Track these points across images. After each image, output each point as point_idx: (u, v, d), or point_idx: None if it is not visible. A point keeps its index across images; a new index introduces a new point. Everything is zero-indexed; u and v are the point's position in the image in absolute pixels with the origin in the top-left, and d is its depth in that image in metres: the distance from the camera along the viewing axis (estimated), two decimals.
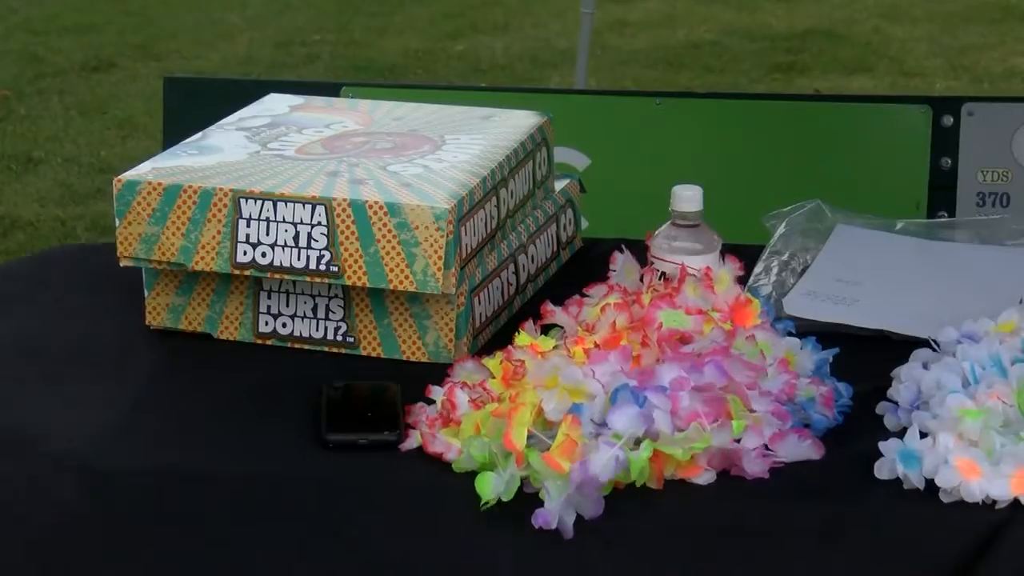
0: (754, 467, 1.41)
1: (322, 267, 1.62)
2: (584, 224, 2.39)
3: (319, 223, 1.62)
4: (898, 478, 1.39)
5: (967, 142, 2.60)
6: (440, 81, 5.69)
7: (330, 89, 2.70)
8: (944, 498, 1.37)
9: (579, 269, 1.86)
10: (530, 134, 1.85)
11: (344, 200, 1.61)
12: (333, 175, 1.68)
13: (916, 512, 1.36)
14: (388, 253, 1.60)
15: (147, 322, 1.72)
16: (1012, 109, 2.64)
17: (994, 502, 1.35)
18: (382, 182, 1.66)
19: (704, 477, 1.41)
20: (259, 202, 1.63)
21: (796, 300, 1.77)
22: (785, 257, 1.89)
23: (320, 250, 1.62)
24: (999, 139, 2.58)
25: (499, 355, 1.53)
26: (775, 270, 1.86)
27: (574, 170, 2.68)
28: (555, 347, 1.52)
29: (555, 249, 1.91)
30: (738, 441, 1.41)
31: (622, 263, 1.66)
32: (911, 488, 1.38)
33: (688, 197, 1.64)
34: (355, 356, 1.67)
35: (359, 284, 1.62)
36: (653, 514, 1.38)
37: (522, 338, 1.54)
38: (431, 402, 1.52)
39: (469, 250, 1.67)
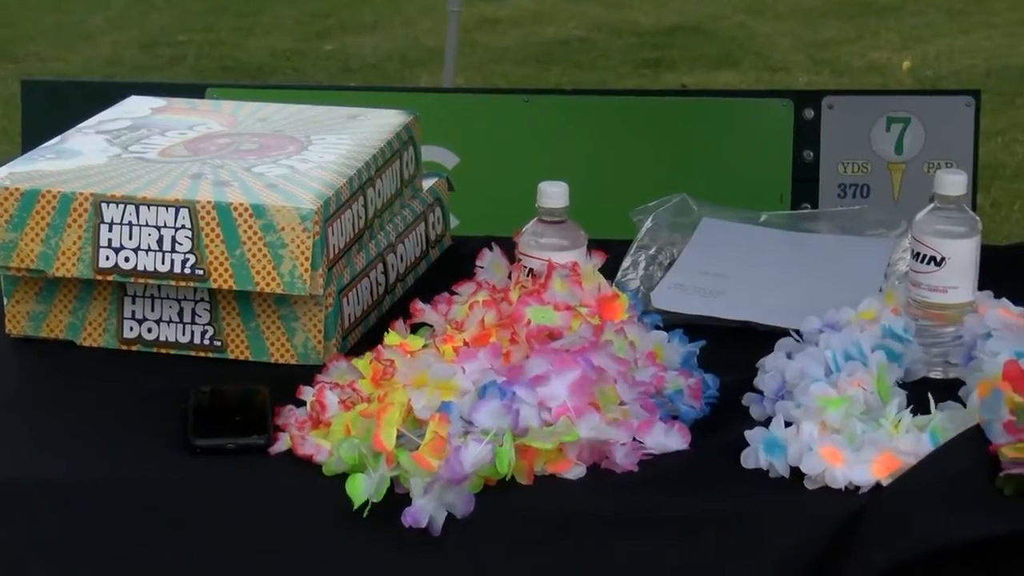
0: (623, 460, 1.42)
1: (187, 271, 1.60)
2: (455, 222, 2.39)
3: (183, 226, 1.60)
4: (764, 467, 1.41)
5: (828, 135, 2.65)
6: (309, 81, 5.65)
7: (194, 90, 2.67)
8: (808, 485, 1.39)
9: (449, 267, 1.86)
10: (396, 133, 1.84)
11: (208, 202, 1.60)
12: (197, 177, 1.66)
13: (781, 500, 1.38)
14: (254, 255, 1.59)
15: (7, 330, 1.69)
16: (871, 102, 2.70)
17: (857, 488, 1.38)
18: (247, 184, 1.64)
19: (574, 471, 1.42)
20: (121, 206, 1.61)
21: (663, 293, 1.79)
22: (652, 251, 1.91)
23: (185, 253, 1.60)
24: (859, 132, 2.64)
25: (369, 355, 1.52)
26: (643, 264, 1.88)
27: (443, 169, 2.68)
28: (425, 346, 1.52)
29: (424, 248, 1.91)
30: (608, 434, 1.42)
31: (490, 260, 1.67)
32: (776, 476, 1.41)
33: (553, 193, 1.65)
34: (223, 360, 1.65)
35: (225, 287, 1.60)
36: (523, 509, 1.38)
37: (391, 337, 1.54)
38: (301, 404, 1.51)
39: (337, 250, 1.66)
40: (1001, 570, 1.34)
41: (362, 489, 1.36)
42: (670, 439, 1.45)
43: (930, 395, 1.47)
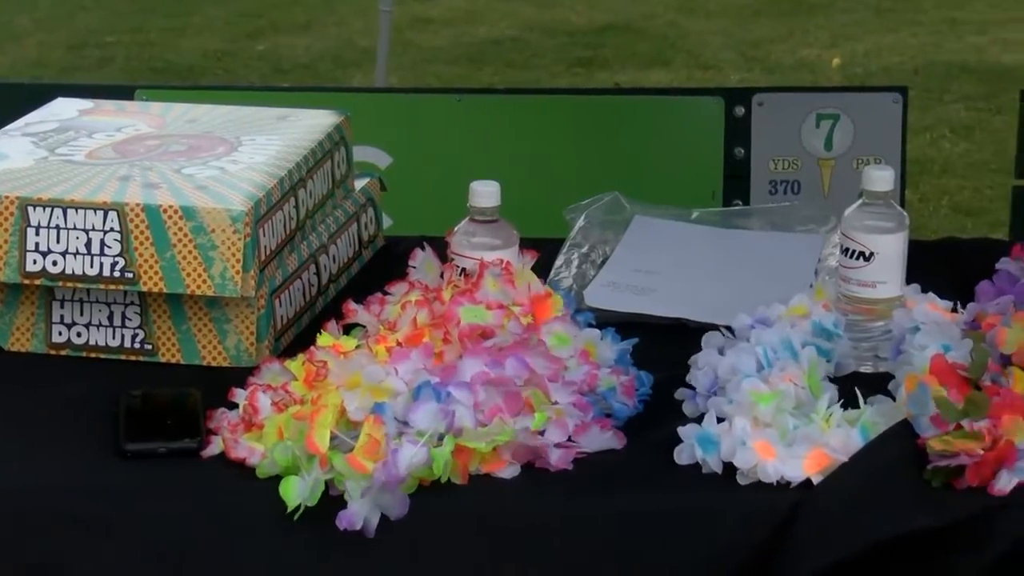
0: (558, 459, 1.42)
1: (116, 274, 1.59)
2: (388, 222, 2.39)
3: (112, 229, 1.58)
4: (697, 463, 1.42)
5: (758, 132, 2.67)
6: (240, 82, 5.62)
7: (123, 92, 2.64)
8: (741, 480, 1.40)
9: (382, 267, 1.85)
10: (327, 133, 1.83)
11: (137, 205, 1.58)
12: (125, 179, 1.64)
13: (715, 495, 1.39)
14: (184, 257, 1.58)
15: None
16: (800, 99, 2.72)
17: (788, 483, 1.39)
18: (176, 185, 1.63)
19: (508, 471, 1.42)
20: (48, 209, 1.59)
21: (596, 291, 1.80)
22: (585, 249, 1.91)
23: (114, 256, 1.58)
24: (789, 128, 2.66)
25: (301, 357, 1.52)
26: (575, 262, 1.88)
27: (376, 169, 2.67)
28: (358, 347, 1.52)
29: (357, 248, 1.90)
30: (541, 434, 1.43)
31: (422, 260, 1.67)
32: (710, 472, 1.41)
33: (484, 193, 1.65)
34: (154, 363, 1.64)
35: (155, 290, 1.59)
36: (458, 510, 1.38)
37: (324, 339, 1.53)
38: (233, 407, 1.50)
39: (268, 252, 1.65)
40: (933, 562, 1.35)
41: (296, 492, 1.35)
42: (604, 437, 1.45)
43: (859, 390, 1.48)
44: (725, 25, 6.49)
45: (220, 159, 1.71)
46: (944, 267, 1.76)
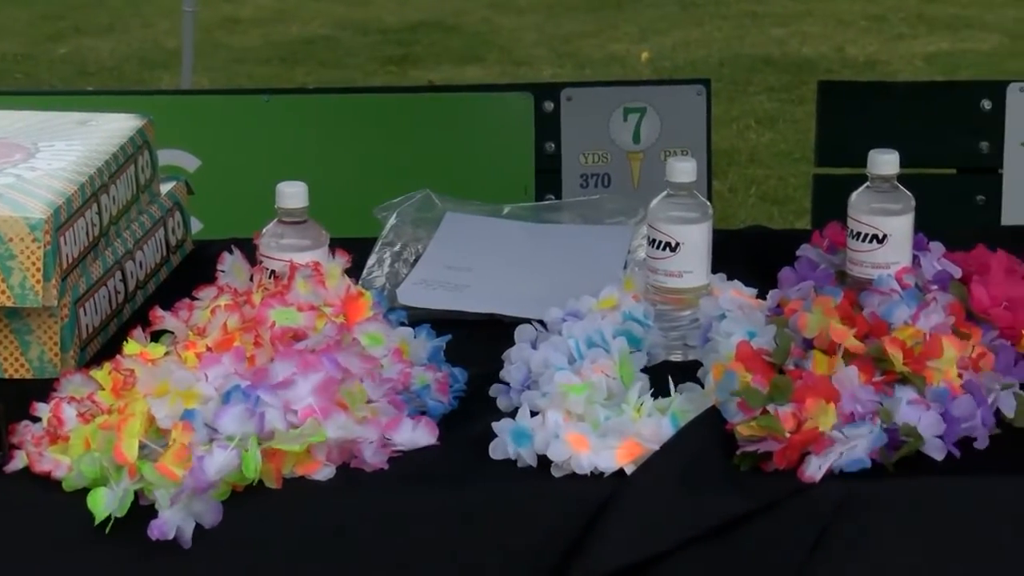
0: (372, 458, 1.42)
1: None
2: (198, 226, 2.35)
3: None
4: (512, 457, 1.43)
5: (568, 126, 2.69)
6: (42, 86, 5.47)
7: None
8: (556, 473, 1.41)
9: (191, 272, 1.82)
10: (130, 137, 1.80)
11: None
12: None
13: (530, 488, 1.40)
14: None
15: None
16: (608, 93, 2.75)
17: (602, 473, 1.40)
18: None
19: (323, 472, 1.41)
20: None
21: (409, 290, 1.79)
22: (397, 248, 1.91)
23: None
24: (597, 122, 2.68)
25: (108, 365, 1.48)
26: (388, 261, 1.88)
27: (184, 172, 2.62)
28: (166, 353, 1.49)
29: (165, 253, 1.87)
30: (356, 433, 1.42)
31: (231, 263, 1.64)
32: (525, 466, 1.42)
33: (291, 194, 1.63)
34: None
35: None
36: (273, 514, 1.37)
37: (131, 346, 1.50)
38: (37, 420, 1.46)
39: (70, 260, 1.61)
40: (744, 545, 1.38)
41: (104, 503, 1.32)
42: (419, 435, 1.45)
43: (670, 378, 1.51)
44: (537, 21, 6.54)
45: (17, 166, 1.67)
46: (749, 255, 1.80)
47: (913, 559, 1.38)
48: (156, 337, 1.55)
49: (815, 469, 1.38)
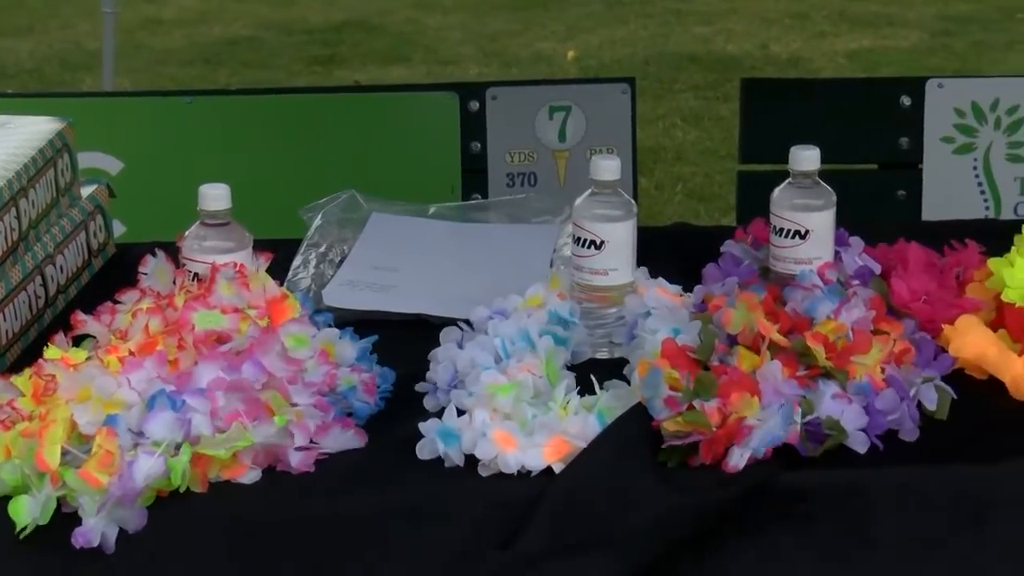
0: (299, 461, 1.41)
1: None
2: (122, 229, 2.33)
3: None
4: (440, 457, 1.43)
5: (494, 126, 2.69)
6: None
7: None
8: (483, 472, 1.41)
9: (113, 276, 1.80)
10: (49, 140, 1.78)
11: None
12: None
13: (458, 488, 1.40)
14: None
15: None
16: (534, 92, 2.75)
17: (529, 472, 1.40)
18: None
19: (249, 476, 1.40)
20: None
21: (335, 291, 1.79)
22: (323, 249, 1.90)
23: None
24: (523, 121, 2.68)
25: (28, 371, 1.46)
26: (313, 262, 1.87)
27: (107, 175, 2.59)
28: (88, 358, 1.47)
29: (86, 257, 1.85)
30: (282, 436, 1.41)
31: (154, 266, 1.63)
32: (452, 465, 1.42)
33: (213, 195, 1.62)
34: None
35: None
36: (199, 518, 1.36)
37: (52, 351, 1.48)
38: None
39: None
40: (672, 540, 1.39)
41: (26, 511, 1.31)
42: (345, 437, 1.45)
43: (594, 377, 1.51)
44: (462, 20, 6.54)
45: None
46: (674, 252, 1.81)
47: (835, 550, 1.39)
48: (78, 342, 1.54)
49: (738, 458, 1.39)
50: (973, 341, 1.57)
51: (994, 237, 1.74)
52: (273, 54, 6.05)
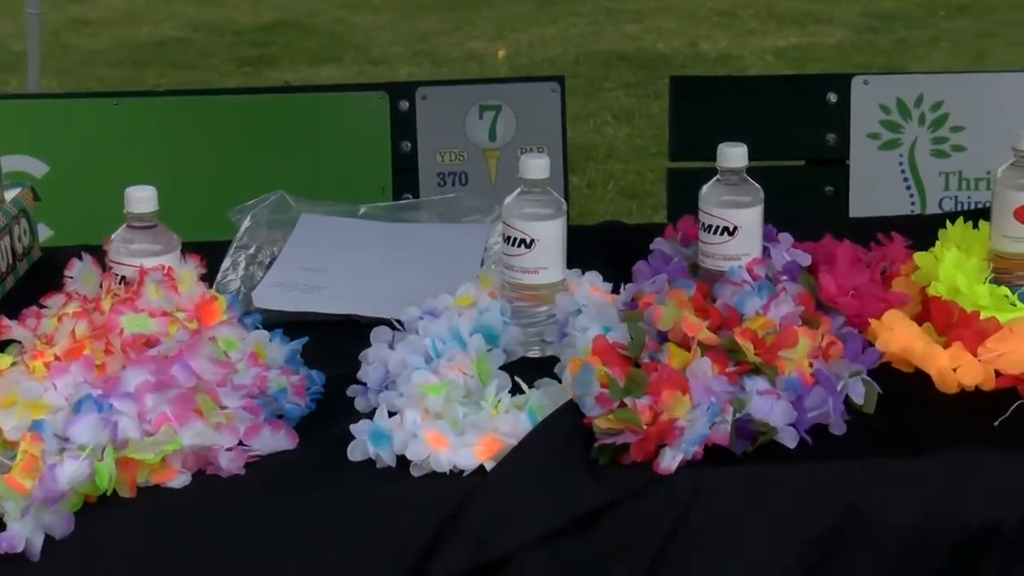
0: (229, 464, 1.40)
1: None
2: (48, 233, 2.30)
3: None
4: (371, 458, 1.42)
5: (424, 125, 2.69)
6: None
7: None
8: (415, 472, 1.40)
9: (39, 280, 1.78)
10: None
11: None
12: None
13: (390, 489, 1.39)
14: None
15: None
16: (464, 91, 2.75)
17: (461, 471, 1.40)
18: None
19: (178, 480, 1.38)
20: None
21: (265, 292, 1.78)
22: (252, 251, 1.89)
23: None
24: (453, 121, 2.68)
25: None
26: (243, 264, 1.86)
27: (32, 178, 2.57)
28: (13, 363, 1.45)
29: (11, 261, 1.82)
30: (211, 439, 1.40)
31: (80, 270, 1.61)
32: (384, 466, 1.42)
33: (140, 198, 1.60)
34: None
35: None
36: (127, 524, 1.34)
37: None
38: None
39: None
40: (602, 536, 1.39)
41: None
42: (276, 439, 1.44)
43: (527, 375, 1.51)
44: (393, 20, 6.52)
45: None
46: (605, 250, 1.81)
47: (766, 545, 1.40)
48: (3, 347, 1.52)
49: (670, 460, 1.39)
50: (899, 335, 1.58)
51: (919, 232, 1.76)
52: (202, 55, 6.01)
